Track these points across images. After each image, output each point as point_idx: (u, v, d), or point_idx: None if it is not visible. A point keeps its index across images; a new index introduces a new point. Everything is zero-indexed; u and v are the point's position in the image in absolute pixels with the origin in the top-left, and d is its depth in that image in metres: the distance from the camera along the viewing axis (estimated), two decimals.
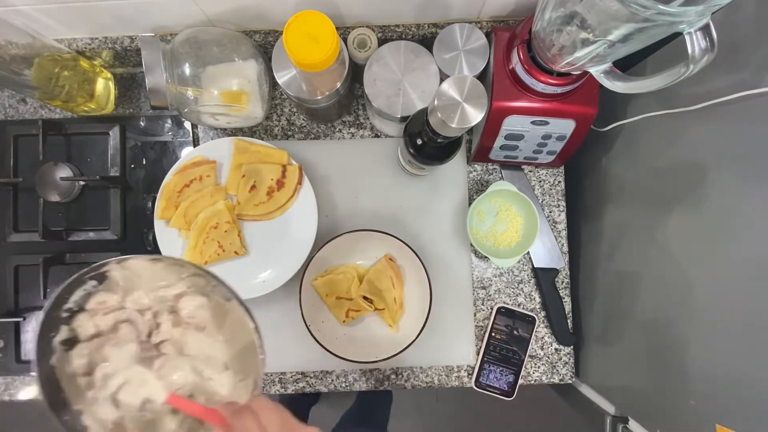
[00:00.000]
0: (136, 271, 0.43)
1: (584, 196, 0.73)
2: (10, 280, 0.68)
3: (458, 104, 0.42)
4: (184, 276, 0.44)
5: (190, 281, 0.44)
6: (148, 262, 0.43)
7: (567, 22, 0.40)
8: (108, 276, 0.43)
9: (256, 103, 0.62)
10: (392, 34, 0.65)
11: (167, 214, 0.62)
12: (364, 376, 0.69)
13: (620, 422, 0.60)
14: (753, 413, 0.40)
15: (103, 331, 0.43)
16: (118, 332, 0.43)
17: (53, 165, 0.66)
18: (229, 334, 0.44)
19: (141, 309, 0.44)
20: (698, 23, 0.32)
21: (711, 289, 0.45)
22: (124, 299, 0.44)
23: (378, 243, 0.64)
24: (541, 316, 0.70)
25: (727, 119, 0.44)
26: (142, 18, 0.62)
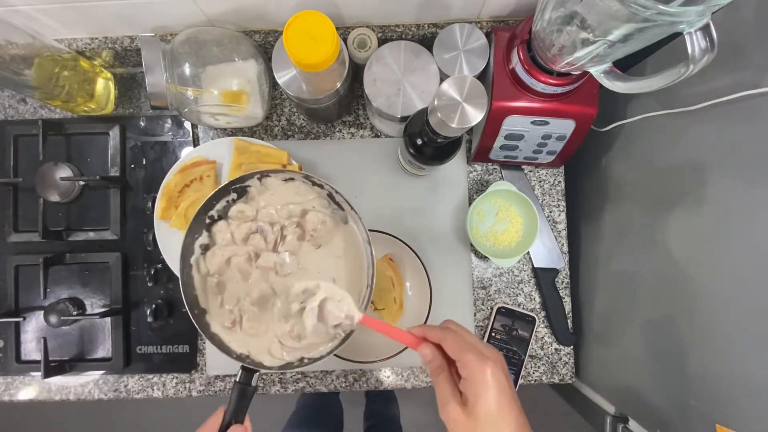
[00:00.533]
0: (271, 187, 0.49)
1: (584, 196, 0.73)
2: (10, 280, 0.68)
3: (458, 104, 0.42)
4: (311, 197, 0.50)
5: (318, 201, 0.50)
6: (282, 182, 0.49)
7: (567, 22, 0.40)
8: (248, 190, 0.49)
9: (256, 103, 0.62)
10: (392, 34, 0.65)
11: (167, 214, 0.62)
12: (364, 376, 0.69)
13: (620, 422, 0.60)
14: (753, 413, 0.40)
15: (237, 240, 0.49)
16: (248, 241, 0.49)
17: (53, 165, 0.66)
18: (341, 251, 0.50)
19: (272, 222, 0.49)
20: (698, 23, 0.32)
21: (711, 289, 0.45)
22: (258, 212, 0.49)
23: (378, 243, 0.64)
24: (541, 316, 0.70)
25: (727, 119, 0.44)
26: (142, 18, 0.62)
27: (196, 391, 0.68)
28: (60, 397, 0.69)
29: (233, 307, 0.48)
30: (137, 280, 0.68)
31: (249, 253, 0.48)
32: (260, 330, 0.48)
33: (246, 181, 0.48)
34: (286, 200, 0.49)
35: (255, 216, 0.49)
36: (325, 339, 0.47)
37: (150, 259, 0.68)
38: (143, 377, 0.69)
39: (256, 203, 0.49)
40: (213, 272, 0.48)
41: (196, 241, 0.48)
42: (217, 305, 0.48)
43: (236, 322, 0.48)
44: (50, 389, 0.69)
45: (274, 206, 0.49)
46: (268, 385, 0.68)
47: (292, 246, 0.49)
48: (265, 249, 0.49)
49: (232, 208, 0.49)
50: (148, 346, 0.67)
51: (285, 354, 0.47)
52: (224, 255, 0.48)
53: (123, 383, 0.69)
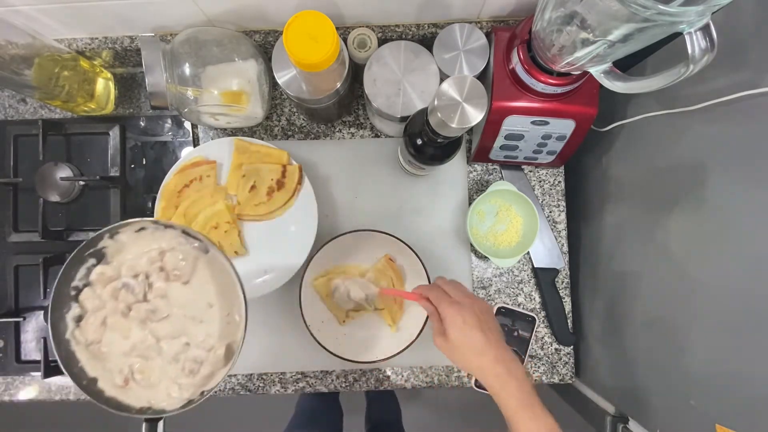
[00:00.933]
0: (126, 241, 0.49)
1: (584, 196, 0.73)
2: (10, 280, 0.68)
3: (458, 104, 0.42)
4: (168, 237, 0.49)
5: (175, 241, 0.50)
6: (135, 233, 0.48)
7: (567, 22, 0.40)
8: (104, 252, 0.48)
9: (256, 103, 0.62)
10: (392, 34, 0.65)
11: (167, 214, 0.62)
12: (364, 376, 0.69)
13: (620, 422, 0.60)
14: (753, 413, 0.40)
15: (105, 301, 0.48)
16: (117, 299, 0.48)
17: (53, 165, 0.66)
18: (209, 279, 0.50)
19: (135, 274, 0.49)
20: (698, 23, 0.32)
21: (711, 289, 0.45)
22: (120, 268, 0.49)
23: (378, 243, 0.64)
24: (541, 316, 0.70)
25: (727, 119, 0.44)
26: (142, 18, 0.62)
27: None
28: (60, 397, 0.69)
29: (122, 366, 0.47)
30: None
31: (120, 310, 0.48)
32: (154, 378, 0.48)
33: (98, 243, 0.47)
34: (143, 249, 0.49)
35: (118, 274, 0.49)
36: (218, 366, 0.48)
37: None
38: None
39: (117, 260, 0.49)
40: (91, 340, 0.47)
41: (66, 315, 0.46)
42: (105, 369, 0.47)
43: (128, 379, 0.47)
44: (50, 389, 0.69)
45: (134, 258, 0.49)
46: (268, 386, 0.68)
47: (160, 291, 0.49)
48: (135, 301, 0.48)
49: (92, 273, 0.48)
50: None
51: (184, 393, 0.47)
52: (98, 319, 0.47)
53: None
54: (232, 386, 0.68)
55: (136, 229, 0.48)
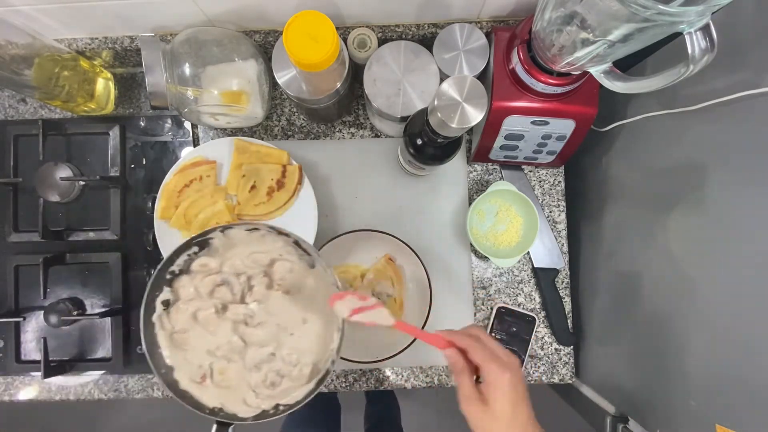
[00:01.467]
0: (235, 239, 0.48)
1: (584, 196, 0.73)
2: (10, 280, 0.68)
3: (458, 104, 0.42)
4: (278, 245, 0.49)
5: (284, 249, 0.49)
6: (246, 232, 0.48)
7: (567, 22, 0.40)
8: (210, 243, 0.48)
9: (256, 103, 0.62)
10: (392, 34, 0.65)
11: (167, 214, 0.62)
12: (364, 376, 0.69)
13: (620, 422, 0.60)
14: (753, 413, 0.40)
15: (201, 294, 0.48)
16: (214, 294, 0.48)
17: (53, 165, 0.66)
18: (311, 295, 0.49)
19: (237, 273, 0.49)
20: (698, 23, 0.32)
21: (711, 289, 0.45)
22: (222, 263, 0.49)
23: (378, 243, 0.64)
24: (541, 316, 0.70)
25: (727, 119, 0.44)
26: (142, 18, 0.62)
27: None
28: (60, 397, 0.69)
29: (203, 362, 0.47)
30: (137, 280, 0.68)
31: (216, 306, 0.48)
32: (232, 381, 0.47)
33: (208, 234, 0.46)
34: (251, 249, 0.49)
35: (219, 268, 0.49)
36: (300, 382, 0.47)
37: (150, 259, 0.68)
38: (143, 377, 0.68)
39: (221, 255, 0.49)
40: (178, 329, 0.47)
41: (157, 298, 0.47)
42: (185, 360, 0.47)
43: (206, 376, 0.47)
44: (50, 389, 0.69)
45: (240, 257, 0.49)
46: None
47: (260, 295, 0.49)
48: (232, 301, 0.48)
49: (195, 262, 0.48)
50: None
51: (261, 403, 0.46)
52: (189, 310, 0.47)
53: (123, 383, 0.69)
54: None
55: (248, 229, 0.48)
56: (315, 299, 0.49)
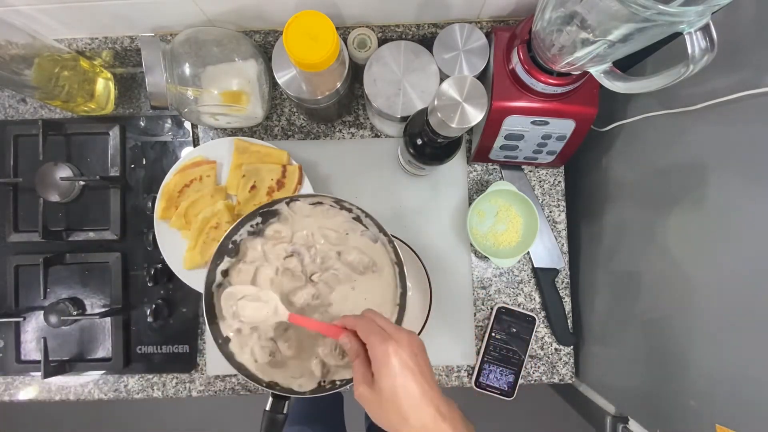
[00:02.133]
0: (300, 211, 0.51)
1: (584, 196, 0.73)
2: (10, 280, 0.68)
3: (458, 104, 0.42)
4: (341, 219, 0.52)
5: (347, 225, 0.52)
6: (311, 206, 0.50)
7: (567, 22, 0.40)
8: (280, 212, 0.51)
9: (256, 103, 0.62)
10: (392, 34, 0.65)
11: (167, 214, 0.62)
12: None
13: (620, 422, 0.60)
14: (753, 413, 0.40)
15: (270, 259, 0.50)
16: (285, 264, 0.50)
17: (53, 165, 0.66)
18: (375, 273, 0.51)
19: (308, 245, 0.51)
20: (698, 23, 0.32)
21: (711, 289, 0.45)
22: (293, 234, 0.51)
23: None
24: (541, 316, 0.70)
25: (727, 119, 0.44)
26: (142, 18, 0.62)
27: (196, 391, 0.68)
28: (60, 397, 0.69)
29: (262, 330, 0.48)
30: (137, 280, 0.68)
31: (280, 273, 0.50)
32: (302, 352, 0.48)
33: (275, 206, 0.49)
34: (318, 224, 0.51)
35: (291, 238, 0.51)
36: None
37: (150, 259, 0.68)
38: (143, 377, 0.68)
39: (291, 225, 0.51)
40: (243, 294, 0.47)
41: (217, 267, 0.48)
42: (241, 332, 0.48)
43: (273, 353, 0.48)
44: (50, 389, 0.69)
45: (309, 229, 0.51)
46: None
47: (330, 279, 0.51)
48: (300, 273, 0.50)
49: (269, 228, 0.50)
50: (148, 346, 0.67)
51: (326, 372, 0.47)
52: (250, 270, 0.49)
53: (123, 383, 0.69)
54: (232, 386, 0.68)
55: (312, 203, 0.50)
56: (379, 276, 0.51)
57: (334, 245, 0.51)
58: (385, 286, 0.51)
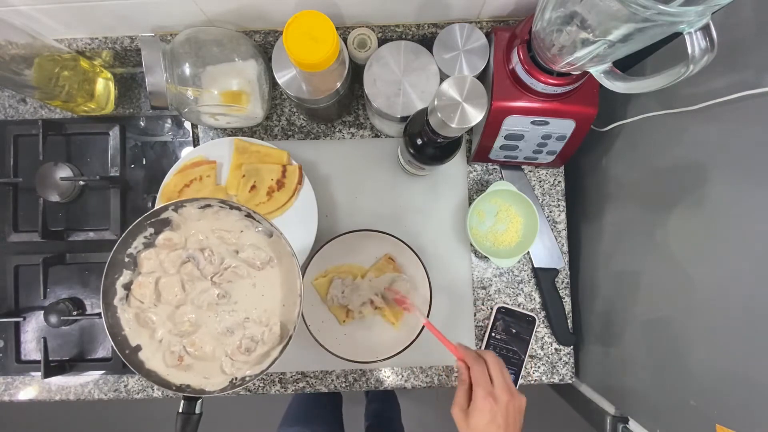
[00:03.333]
0: (190, 216, 0.50)
1: (584, 196, 0.73)
2: (10, 280, 0.68)
3: (458, 104, 0.42)
4: (232, 218, 0.51)
5: (241, 224, 0.52)
6: (199, 209, 0.50)
7: (567, 22, 0.40)
8: (170, 221, 0.50)
9: (256, 103, 0.62)
10: (392, 34, 0.65)
11: None
12: (364, 376, 0.69)
13: (620, 422, 0.60)
14: (753, 413, 0.40)
15: (167, 269, 0.50)
16: (180, 271, 0.50)
17: (53, 165, 0.66)
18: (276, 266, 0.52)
19: (201, 248, 0.51)
20: (698, 23, 0.32)
21: (711, 289, 0.45)
22: (186, 240, 0.51)
23: (378, 243, 0.64)
24: (541, 316, 0.70)
25: (727, 119, 0.44)
26: (142, 18, 0.62)
27: None
28: (60, 397, 0.69)
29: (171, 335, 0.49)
30: None
31: (182, 281, 0.50)
32: (207, 352, 0.49)
33: (161, 214, 0.48)
34: (212, 226, 0.51)
35: (184, 243, 0.51)
36: (275, 343, 0.49)
37: None
38: (143, 377, 0.68)
39: (183, 231, 0.51)
40: (146, 303, 0.49)
41: (117, 281, 0.48)
42: (153, 338, 0.49)
43: (182, 357, 0.49)
44: (50, 389, 0.69)
45: (202, 233, 0.51)
46: (268, 386, 0.68)
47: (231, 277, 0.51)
48: (200, 276, 0.50)
49: (160, 236, 0.50)
50: None
51: (235, 370, 0.48)
52: (151, 282, 0.49)
53: (123, 383, 0.69)
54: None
55: (201, 206, 0.49)
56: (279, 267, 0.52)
57: (230, 245, 0.52)
58: (285, 278, 0.52)
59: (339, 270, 0.65)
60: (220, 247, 0.51)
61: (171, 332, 0.49)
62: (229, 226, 0.51)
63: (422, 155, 0.54)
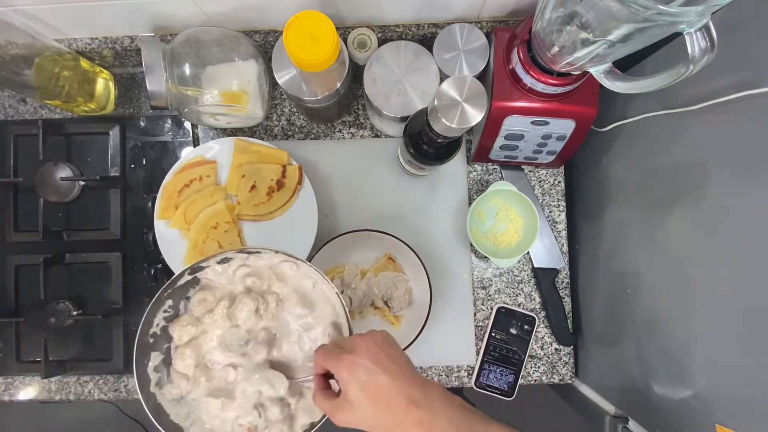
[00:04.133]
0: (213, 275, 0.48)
1: (584, 196, 0.73)
2: (10, 280, 0.68)
3: (458, 104, 0.42)
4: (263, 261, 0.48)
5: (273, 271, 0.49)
6: (219, 264, 0.47)
7: (567, 22, 0.40)
8: (199, 279, 0.48)
9: (256, 103, 0.62)
10: (392, 34, 0.65)
11: (167, 214, 0.62)
12: None
13: (620, 422, 0.60)
14: (753, 413, 0.40)
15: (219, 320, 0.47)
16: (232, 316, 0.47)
17: (53, 165, 0.66)
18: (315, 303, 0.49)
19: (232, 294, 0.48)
20: (698, 23, 0.32)
21: (711, 289, 0.45)
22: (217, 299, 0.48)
23: (378, 243, 0.64)
24: (541, 316, 0.70)
25: (727, 119, 0.44)
26: (142, 18, 0.62)
27: None
28: (60, 397, 0.69)
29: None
30: (137, 280, 0.68)
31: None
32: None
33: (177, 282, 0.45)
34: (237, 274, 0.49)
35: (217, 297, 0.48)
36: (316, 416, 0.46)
37: (150, 259, 0.68)
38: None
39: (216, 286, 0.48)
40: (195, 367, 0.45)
41: (147, 367, 0.45)
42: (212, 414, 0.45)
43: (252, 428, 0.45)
44: (50, 389, 0.69)
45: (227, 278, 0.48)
46: None
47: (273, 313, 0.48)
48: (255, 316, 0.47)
49: (191, 299, 0.47)
50: None
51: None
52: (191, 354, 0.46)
53: (123, 383, 0.69)
54: None
55: (219, 260, 0.47)
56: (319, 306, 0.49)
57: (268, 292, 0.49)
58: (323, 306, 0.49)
59: (339, 270, 0.65)
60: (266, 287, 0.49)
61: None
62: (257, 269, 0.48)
63: (422, 155, 0.54)
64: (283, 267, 0.49)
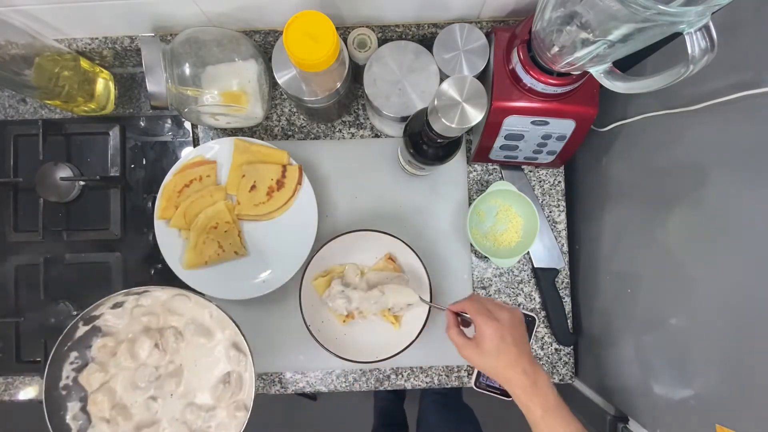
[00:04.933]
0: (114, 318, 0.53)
1: (584, 196, 0.73)
2: (10, 280, 0.68)
3: (458, 104, 0.42)
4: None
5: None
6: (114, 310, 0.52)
7: (567, 22, 0.40)
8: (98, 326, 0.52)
9: (256, 103, 0.62)
10: (392, 34, 0.65)
11: (167, 214, 0.62)
12: (364, 376, 0.69)
13: (620, 422, 0.60)
14: (753, 413, 0.40)
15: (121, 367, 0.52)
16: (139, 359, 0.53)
17: (53, 165, 0.66)
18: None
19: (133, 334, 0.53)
20: (698, 23, 0.32)
21: (711, 288, 0.45)
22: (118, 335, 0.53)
23: (378, 243, 0.64)
24: (541, 316, 0.70)
25: (727, 119, 0.44)
26: (142, 18, 0.62)
27: None
28: None
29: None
30: (137, 280, 0.68)
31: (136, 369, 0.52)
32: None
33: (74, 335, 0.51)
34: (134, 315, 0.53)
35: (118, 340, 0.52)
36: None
37: (150, 259, 0.68)
38: None
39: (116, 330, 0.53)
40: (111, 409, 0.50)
41: (65, 418, 0.49)
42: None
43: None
44: None
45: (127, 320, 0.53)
46: (268, 386, 0.68)
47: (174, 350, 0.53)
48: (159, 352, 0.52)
49: (92, 348, 0.51)
50: None
51: None
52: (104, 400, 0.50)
53: None
54: None
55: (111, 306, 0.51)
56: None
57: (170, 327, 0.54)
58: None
59: (338, 270, 0.65)
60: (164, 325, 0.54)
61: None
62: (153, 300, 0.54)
63: (422, 155, 0.54)
64: (176, 302, 0.54)
